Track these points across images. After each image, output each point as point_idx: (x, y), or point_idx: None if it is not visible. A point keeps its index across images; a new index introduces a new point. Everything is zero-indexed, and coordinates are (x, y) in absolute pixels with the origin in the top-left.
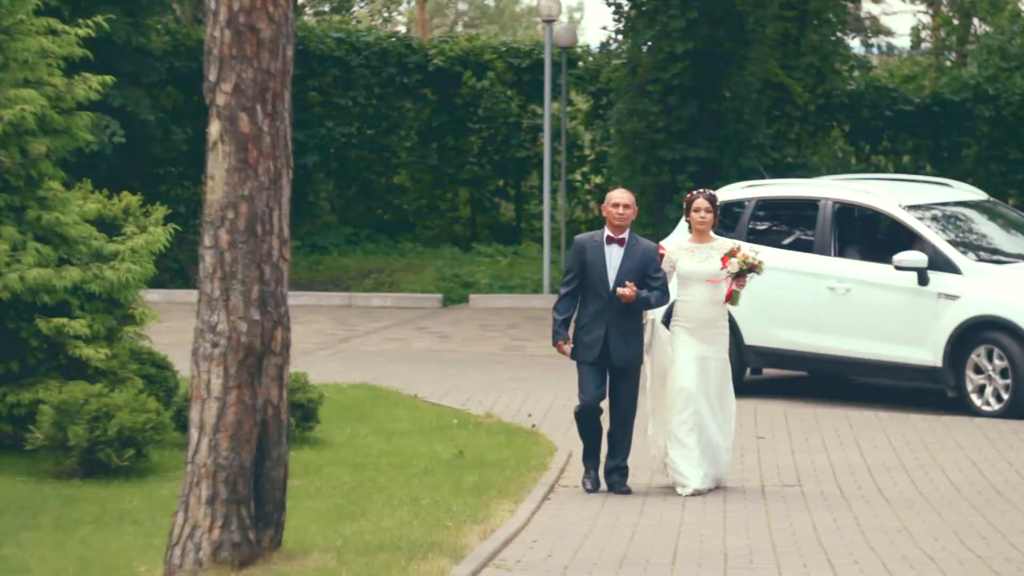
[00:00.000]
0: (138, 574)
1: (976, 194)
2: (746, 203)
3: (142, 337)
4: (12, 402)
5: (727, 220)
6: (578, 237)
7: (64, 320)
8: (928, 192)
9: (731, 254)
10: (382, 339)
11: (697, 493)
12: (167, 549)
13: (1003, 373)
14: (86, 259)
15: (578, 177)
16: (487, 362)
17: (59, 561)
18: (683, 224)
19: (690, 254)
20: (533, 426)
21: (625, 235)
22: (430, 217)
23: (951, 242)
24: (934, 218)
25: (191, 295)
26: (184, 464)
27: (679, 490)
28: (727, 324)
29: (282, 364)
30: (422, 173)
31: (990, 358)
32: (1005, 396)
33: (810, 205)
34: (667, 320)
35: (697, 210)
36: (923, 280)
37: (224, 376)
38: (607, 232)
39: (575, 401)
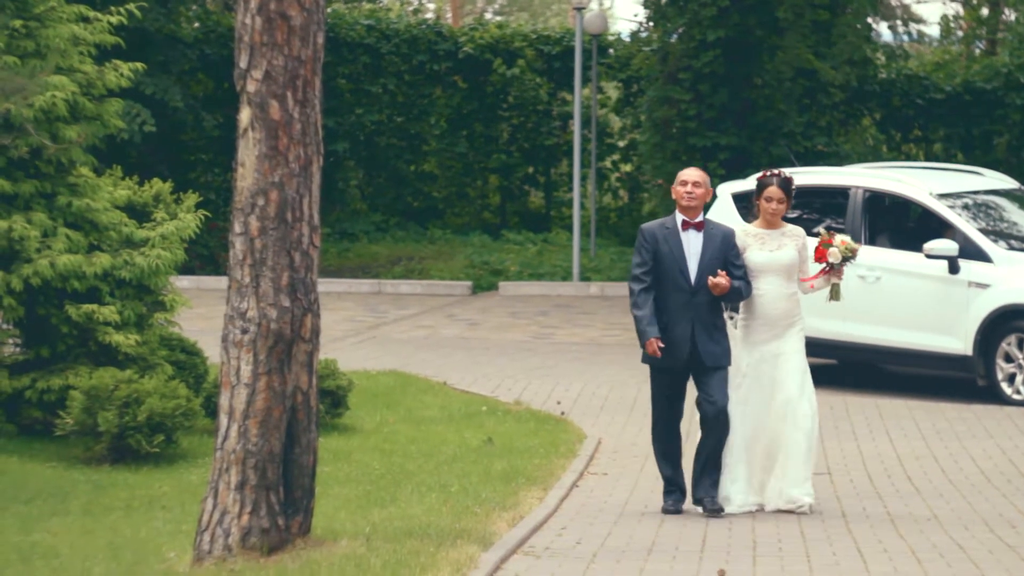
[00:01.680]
0: (167, 560)
1: (1007, 182)
2: None
3: (172, 323)
4: (42, 388)
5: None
6: (645, 226)
7: (94, 306)
8: (959, 180)
9: (825, 243)
10: (411, 326)
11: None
12: (196, 535)
13: None
14: (116, 245)
15: (608, 165)
16: (516, 349)
17: (89, 547)
18: (716, 209)
19: (760, 242)
20: (562, 414)
21: (701, 218)
22: (459, 204)
23: (982, 230)
24: (965, 206)
25: (221, 282)
26: (213, 450)
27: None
28: (801, 316)
29: (312, 351)
30: (451, 160)
31: (1020, 347)
32: None
33: (841, 193)
34: None
35: (770, 199)
36: (954, 268)
37: (254, 363)
38: (680, 217)
39: (604, 388)
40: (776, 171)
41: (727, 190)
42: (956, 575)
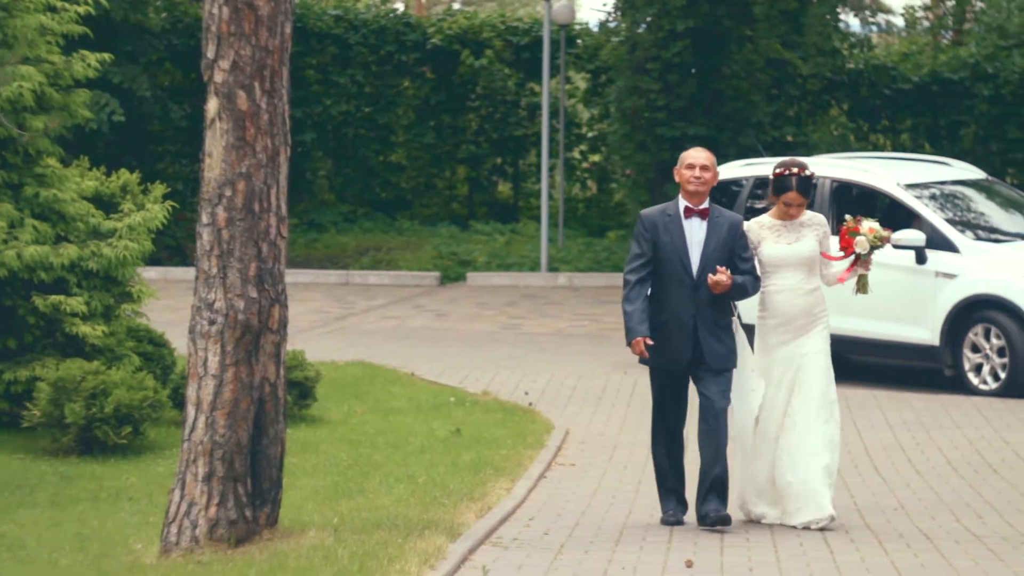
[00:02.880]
0: (134, 551)
1: (974, 173)
2: (744, 181)
3: (139, 314)
4: (9, 379)
5: (725, 199)
6: (645, 212)
7: (61, 297)
8: (926, 171)
9: (852, 231)
10: (379, 317)
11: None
12: (163, 526)
13: (1000, 352)
14: (84, 236)
15: (576, 155)
16: (484, 340)
17: (56, 538)
18: None
19: (776, 234)
20: (530, 404)
21: (706, 204)
22: (427, 195)
23: (949, 221)
24: (932, 197)
25: (188, 273)
26: (181, 442)
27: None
28: (826, 311)
29: (279, 342)
30: (419, 151)
31: (987, 337)
32: (1002, 375)
33: None
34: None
35: (789, 204)
36: (921, 259)
37: (221, 354)
38: (683, 203)
39: (571, 379)
40: (795, 168)
41: None
42: (923, 565)
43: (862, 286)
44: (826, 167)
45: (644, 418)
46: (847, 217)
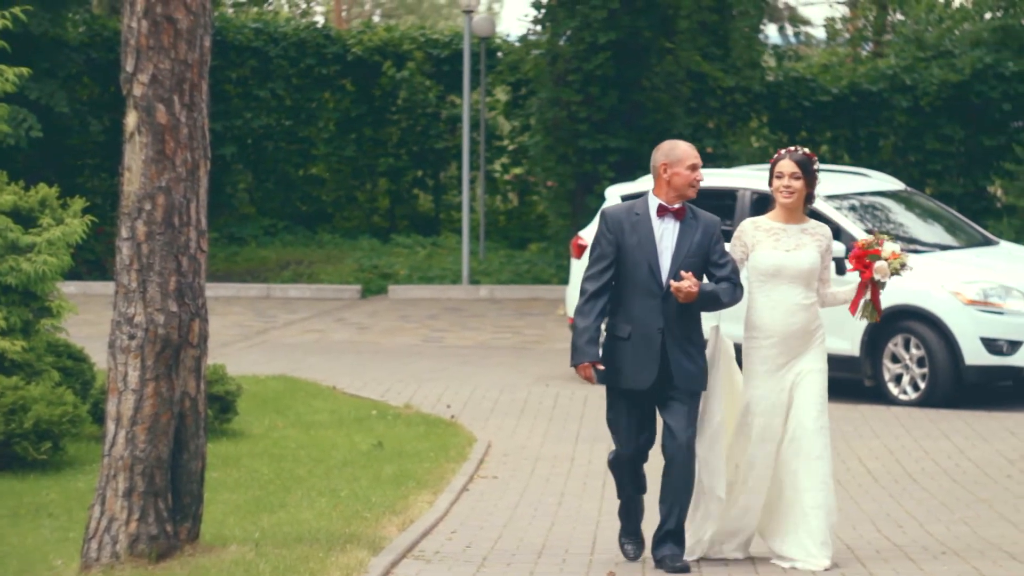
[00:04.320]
0: (54, 567)
1: (893, 184)
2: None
3: (59, 329)
4: None
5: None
6: (609, 209)
7: None
8: (846, 182)
9: (871, 254)
10: (300, 330)
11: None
12: (84, 542)
13: (920, 362)
14: (1, 251)
15: (497, 168)
16: (406, 353)
17: None
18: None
19: (774, 238)
20: (452, 417)
21: (681, 203)
22: (348, 208)
23: (869, 232)
24: (852, 208)
25: (108, 287)
26: (101, 457)
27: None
28: (823, 329)
29: (200, 356)
30: (340, 164)
31: (907, 347)
32: (922, 385)
33: (729, 195)
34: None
35: (780, 175)
36: (840, 270)
37: (141, 368)
38: (657, 200)
39: (494, 391)
40: (794, 147)
41: (616, 192)
42: (844, 575)
43: (869, 313)
44: (746, 179)
45: (566, 431)
46: (865, 234)
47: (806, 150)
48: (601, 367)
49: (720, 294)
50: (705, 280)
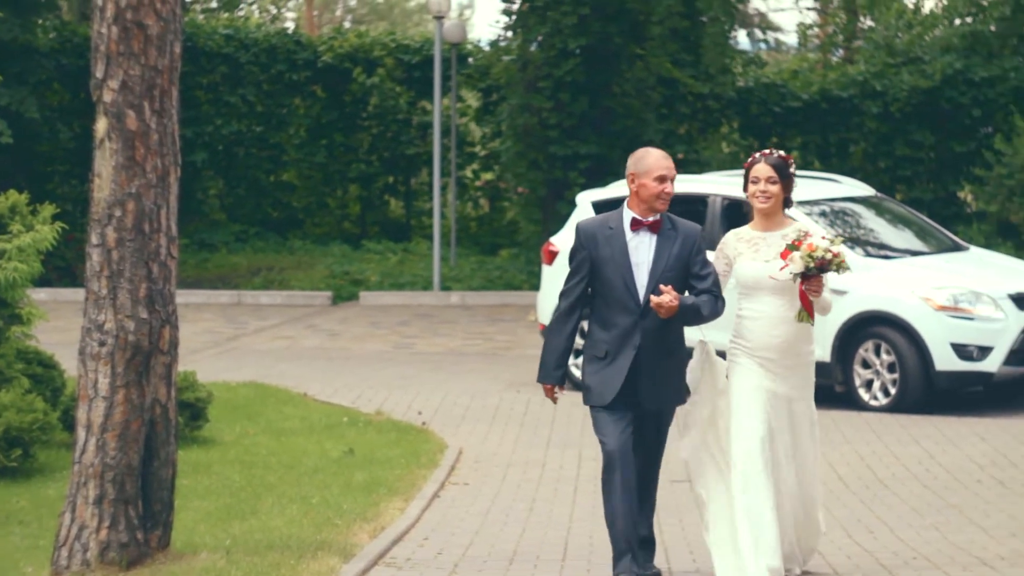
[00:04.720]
0: (25, 575)
1: (864, 190)
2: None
3: (29, 336)
4: None
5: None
6: (582, 223)
7: None
8: (816, 188)
9: (793, 245)
10: (271, 337)
11: None
12: (54, 550)
13: (890, 368)
14: None
15: (468, 174)
16: (377, 360)
17: None
18: (575, 220)
19: (753, 249)
20: (423, 423)
21: (657, 216)
22: (319, 214)
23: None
24: (822, 214)
25: (78, 294)
26: (71, 464)
27: None
28: (812, 351)
29: (170, 363)
30: (311, 170)
31: (878, 353)
32: (892, 390)
33: (700, 201)
34: None
35: (756, 180)
36: None
37: (111, 375)
38: (631, 214)
39: (465, 398)
40: (768, 151)
41: (587, 199)
42: None
43: (801, 314)
44: (717, 185)
45: (537, 437)
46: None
47: (782, 153)
48: (559, 393)
49: (701, 307)
50: (687, 294)
